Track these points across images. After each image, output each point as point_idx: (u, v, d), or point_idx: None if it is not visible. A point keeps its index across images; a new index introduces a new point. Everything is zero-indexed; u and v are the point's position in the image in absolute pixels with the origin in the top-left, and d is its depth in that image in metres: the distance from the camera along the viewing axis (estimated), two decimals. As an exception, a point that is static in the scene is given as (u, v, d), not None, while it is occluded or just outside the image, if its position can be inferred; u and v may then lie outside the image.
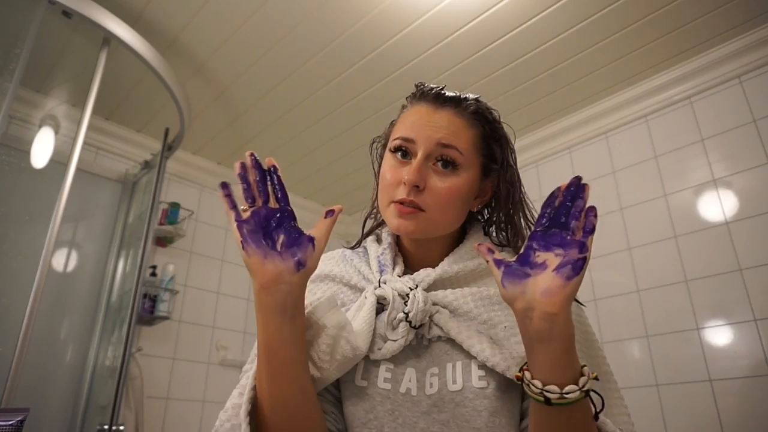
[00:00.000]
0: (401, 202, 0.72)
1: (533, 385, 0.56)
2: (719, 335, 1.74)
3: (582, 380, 0.55)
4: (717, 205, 1.86)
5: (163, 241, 2.40)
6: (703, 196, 1.91)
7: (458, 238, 0.81)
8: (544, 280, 0.55)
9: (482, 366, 0.67)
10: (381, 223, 0.86)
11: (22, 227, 1.79)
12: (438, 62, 2.00)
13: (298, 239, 0.60)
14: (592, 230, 0.55)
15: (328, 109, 2.28)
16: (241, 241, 0.58)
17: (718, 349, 1.73)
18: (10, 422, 0.78)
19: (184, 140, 2.21)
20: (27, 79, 1.88)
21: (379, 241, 0.84)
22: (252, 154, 0.62)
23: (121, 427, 1.81)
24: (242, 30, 1.87)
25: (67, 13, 1.58)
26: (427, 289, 0.73)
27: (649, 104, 2.13)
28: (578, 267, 0.54)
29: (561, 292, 0.54)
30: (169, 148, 2.23)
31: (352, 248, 0.85)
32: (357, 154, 2.55)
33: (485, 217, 0.85)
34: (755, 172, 1.81)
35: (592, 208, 0.56)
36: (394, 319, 0.70)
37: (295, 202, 2.26)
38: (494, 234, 0.84)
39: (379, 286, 0.73)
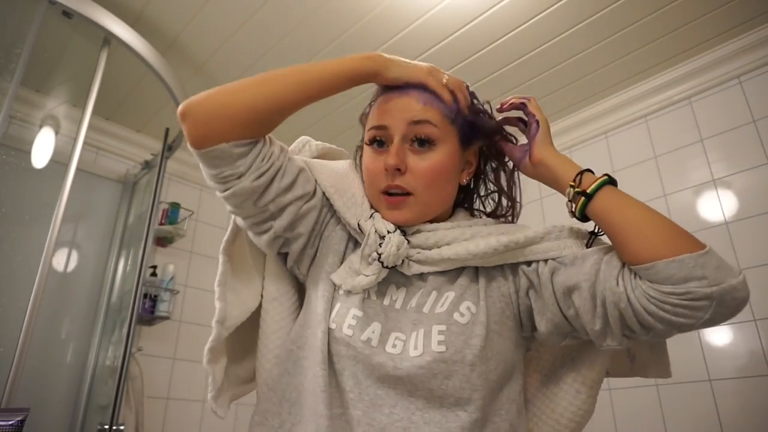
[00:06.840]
0: (388, 192, 0.73)
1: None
2: (719, 335, 1.74)
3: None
4: (716, 206, 1.86)
5: (163, 241, 2.40)
6: (703, 197, 1.91)
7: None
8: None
9: (444, 328, 0.67)
10: None
11: (23, 227, 1.79)
12: (438, 62, 1.99)
13: None
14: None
15: (328, 109, 2.27)
16: None
17: (718, 349, 1.73)
18: (10, 422, 0.78)
19: (184, 140, 2.21)
20: (27, 79, 1.88)
21: None
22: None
23: (122, 427, 1.81)
24: (242, 30, 1.87)
25: (67, 13, 1.58)
26: (411, 234, 0.74)
27: (649, 104, 2.13)
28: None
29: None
30: (169, 148, 2.23)
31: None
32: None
33: (475, 190, 0.86)
34: (755, 172, 1.81)
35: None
36: (369, 256, 0.71)
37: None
38: (479, 207, 0.85)
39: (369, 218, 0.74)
